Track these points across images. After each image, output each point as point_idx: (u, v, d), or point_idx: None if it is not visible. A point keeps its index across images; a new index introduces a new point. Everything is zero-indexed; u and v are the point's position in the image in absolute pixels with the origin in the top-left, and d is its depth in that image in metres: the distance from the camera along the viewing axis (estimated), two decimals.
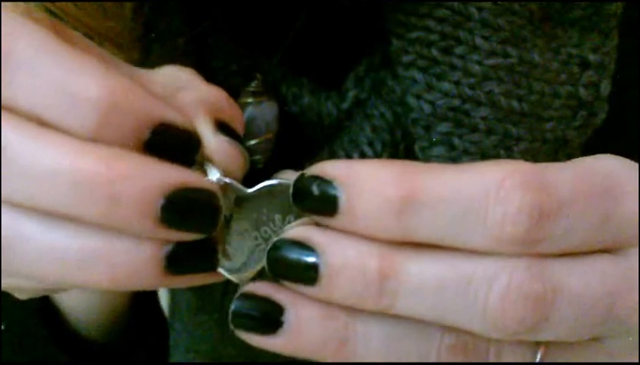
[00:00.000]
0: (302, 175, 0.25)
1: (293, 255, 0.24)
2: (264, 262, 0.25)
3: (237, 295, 0.25)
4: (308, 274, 0.24)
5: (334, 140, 0.37)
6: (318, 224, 0.25)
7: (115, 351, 0.41)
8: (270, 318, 0.25)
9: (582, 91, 0.35)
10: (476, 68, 0.34)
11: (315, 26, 0.37)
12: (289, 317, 0.24)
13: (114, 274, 0.23)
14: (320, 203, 0.24)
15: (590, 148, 0.38)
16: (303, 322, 0.24)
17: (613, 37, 0.36)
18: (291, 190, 0.25)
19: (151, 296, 0.46)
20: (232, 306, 0.25)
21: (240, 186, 0.26)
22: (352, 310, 0.24)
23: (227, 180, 0.25)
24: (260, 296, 0.25)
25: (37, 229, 0.23)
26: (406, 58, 0.35)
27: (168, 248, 0.23)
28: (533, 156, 0.36)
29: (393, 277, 0.23)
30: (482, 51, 0.34)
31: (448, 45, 0.34)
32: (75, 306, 0.39)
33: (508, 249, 0.23)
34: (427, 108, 0.35)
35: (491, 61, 0.34)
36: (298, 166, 0.37)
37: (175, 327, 0.65)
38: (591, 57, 0.35)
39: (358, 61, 0.37)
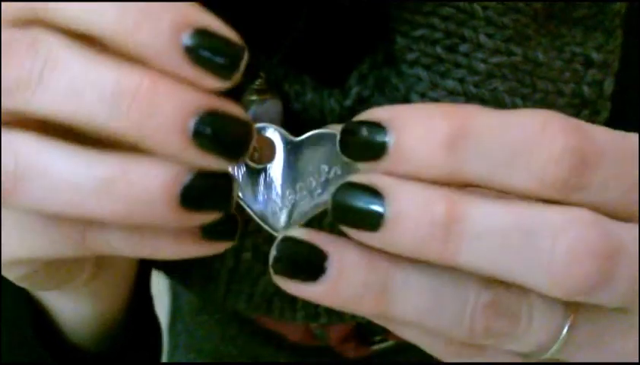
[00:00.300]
0: (350, 121, 0.24)
1: (358, 199, 0.24)
2: (309, 215, 0.25)
3: (279, 240, 0.25)
4: (375, 219, 0.23)
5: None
6: None
7: (109, 360, 0.41)
8: (312, 264, 0.24)
9: (586, 90, 0.36)
10: (481, 65, 0.34)
11: (316, 26, 0.37)
12: (332, 264, 0.24)
13: (129, 204, 0.22)
14: (368, 146, 0.23)
15: None
16: (345, 270, 0.24)
17: (616, 36, 0.36)
18: (338, 137, 0.24)
19: (147, 303, 0.46)
20: (274, 251, 0.25)
21: (286, 132, 0.25)
22: (394, 260, 0.24)
23: (273, 126, 0.25)
24: (303, 241, 0.25)
25: (54, 157, 0.22)
26: (410, 56, 0.35)
27: (185, 180, 0.23)
28: None
29: (462, 221, 0.23)
30: (486, 49, 0.34)
31: (453, 43, 0.34)
32: (70, 316, 0.38)
33: (549, 194, 0.23)
34: None
35: (495, 59, 0.34)
36: None
37: (176, 327, 0.65)
38: (595, 55, 0.35)
39: (360, 61, 0.37)
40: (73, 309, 0.37)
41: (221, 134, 0.23)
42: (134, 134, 0.22)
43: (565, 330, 0.25)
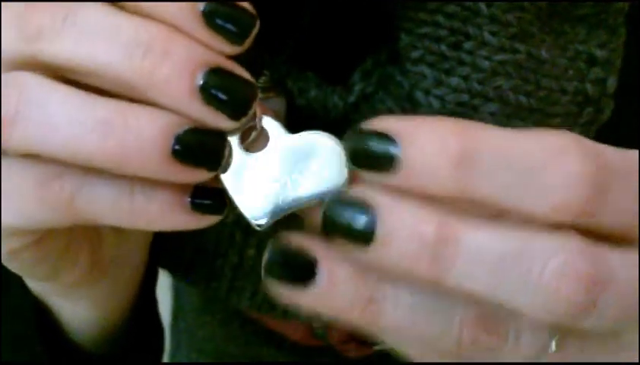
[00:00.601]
0: (359, 129, 0.25)
1: (349, 215, 0.24)
2: (291, 209, 0.25)
3: (272, 244, 0.25)
4: (364, 235, 0.23)
5: (341, 133, 0.37)
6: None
7: (111, 362, 0.41)
8: (303, 270, 0.25)
9: (589, 87, 0.36)
10: (485, 63, 0.34)
11: (320, 23, 0.37)
12: (322, 272, 0.24)
13: (123, 147, 0.23)
14: (377, 157, 0.24)
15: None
16: (336, 279, 0.24)
17: (619, 34, 0.36)
18: (346, 143, 0.25)
19: (152, 306, 0.46)
20: (267, 254, 0.25)
21: (281, 125, 0.26)
22: (384, 273, 0.24)
23: (270, 117, 0.26)
24: (295, 248, 0.25)
25: (57, 95, 0.23)
26: (414, 54, 0.35)
27: (180, 131, 0.24)
28: None
29: (452, 243, 0.23)
30: (490, 46, 0.34)
31: (457, 40, 0.34)
32: (72, 318, 0.38)
33: (559, 218, 0.23)
34: (436, 103, 0.35)
35: (499, 57, 0.34)
36: None
37: (178, 327, 0.65)
38: (598, 53, 0.36)
39: (364, 58, 0.37)
40: (73, 311, 0.37)
41: (226, 91, 0.24)
42: (145, 81, 0.23)
43: (552, 347, 0.25)
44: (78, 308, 0.36)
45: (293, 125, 0.37)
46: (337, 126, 0.38)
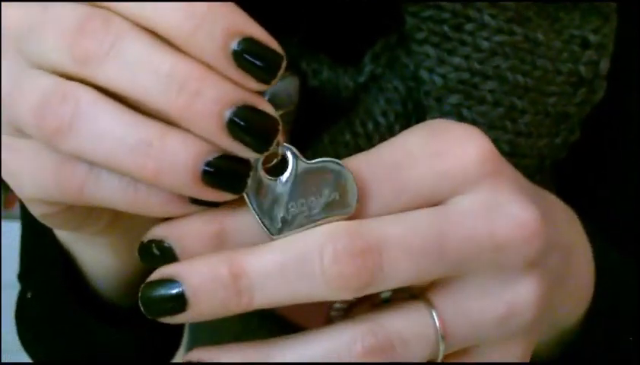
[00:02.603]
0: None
1: (160, 292, 0.27)
2: (303, 228, 0.28)
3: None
4: (179, 304, 0.27)
5: (351, 110, 0.40)
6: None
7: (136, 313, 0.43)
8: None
9: (583, 69, 0.38)
10: (485, 43, 0.37)
11: (333, 7, 0.40)
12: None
13: (158, 166, 0.25)
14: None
15: (589, 125, 0.40)
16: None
17: (612, 20, 0.39)
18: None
19: None
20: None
21: (299, 153, 0.28)
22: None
23: (287, 146, 0.28)
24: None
25: (107, 111, 0.26)
26: (419, 35, 0.38)
27: (210, 157, 0.26)
28: (537, 129, 0.38)
29: (243, 275, 0.26)
30: (490, 28, 0.37)
31: (459, 22, 0.37)
32: (96, 267, 0.40)
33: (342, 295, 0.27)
34: (439, 81, 0.38)
35: (498, 38, 0.37)
36: (317, 135, 0.40)
37: (195, 322, 0.66)
38: (592, 38, 0.38)
39: (374, 40, 0.40)
40: (96, 259, 0.39)
41: (252, 127, 0.26)
42: (179, 115, 0.25)
43: (436, 321, 0.28)
44: (101, 255, 0.38)
45: (306, 105, 0.40)
46: (347, 105, 0.41)
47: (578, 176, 0.44)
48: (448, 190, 0.28)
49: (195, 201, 0.27)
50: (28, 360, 0.49)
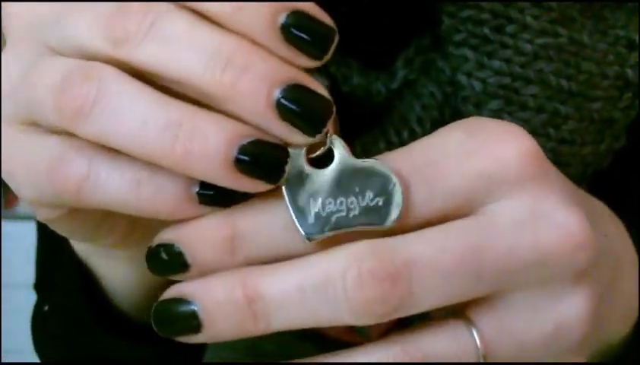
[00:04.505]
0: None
1: (173, 311, 0.26)
2: (339, 231, 0.26)
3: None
4: (193, 324, 0.25)
5: (384, 118, 0.38)
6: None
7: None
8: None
9: (629, 72, 0.36)
10: (527, 46, 0.35)
11: (363, 9, 0.38)
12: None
13: (187, 149, 0.24)
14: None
15: (634, 131, 0.39)
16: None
17: None
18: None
19: None
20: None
21: (347, 148, 0.26)
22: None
23: (339, 139, 0.26)
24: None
25: (133, 91, 0.24)
26: (457, 37, 0.36)
27: (246, 141, 0.24)
28: (581, 136, 0.37)
29: (259, 299, 0.25)
30: (532, 30, 0.35)
31: (499, 23, 0.35)
32: (114, 278, 0.39)
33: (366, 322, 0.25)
34: (478, 86, 0.36)
35: (541, 40, 0.35)
36: (348, 144, 0.38)
37: None
38: (638, 38, 0.36)
39: (407, 44, 0.38)
40: (114, 272, 0.38)
41: (303, 108, 0.24)
42: (224, 94, 0.23)
43: (477, 340, 0.26)
44: (118, 268, 0.37)
45: (336, 110, 0.38)
46: (379, 112, 0.39)
47: (620, 184, 0.42)
48: (485, 194, 0.26)
49: (205, 202, 0.25)
50: (28, 360, 0.48)
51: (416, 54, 0.38)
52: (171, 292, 0.26)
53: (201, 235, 0.26)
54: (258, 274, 0.25)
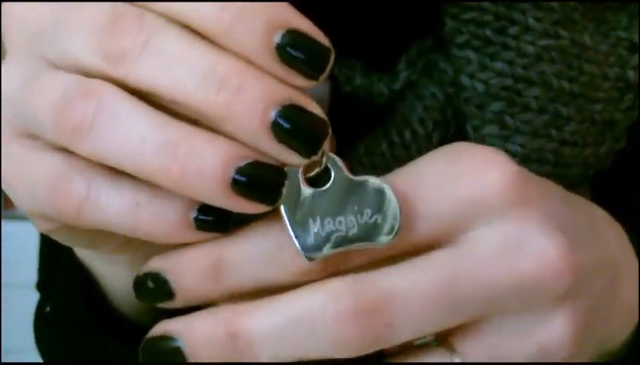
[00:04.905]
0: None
1: (160, 347, 0.27)
2: (338, 249, 0.26)
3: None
4: (178, 358, 0.26)
5: (386, 119, 0.38)
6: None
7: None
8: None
9: (630, 74, 0.36)
10: (530, 48, 0.35)
11: (366, 10, 0.38)
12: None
13: (184, 170, 0.24)
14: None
15: (635, 133, 0.39)
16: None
17: None
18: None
19: None
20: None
21: (344, 166, 0.26)
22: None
23: (335, 157, 0.26)
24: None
25: (131, 109, 0.24)
26: (460, 39, 0.36)
27: (242, 163, 0.24)
28: (582, 137, 0.37)
29: (241, 336, 0.25)
30: (535, 32, 0.35)
31: (502, 25, 0.35)
32: (117, 287, 0.39)
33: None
34: (480, 87, 0.36)
35: (543, 42, 0.35)
36: (351, 144, 0.38)
37: None
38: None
39: (409, 45, 0.38)
40: (115, 276, 0.38)
41: (298, 128, 0.24)
42: (218, 115, 0.23)
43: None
44: (119, 273, 0.37)
45: (339, 111, 0.38)
46: (381, 113, 0.39)
47: (621, 186, 0.43)
48: (468, 221, 0.26)
49: (202, 228, 0.26)
50: (28, 360, 0.48)
51: (419, 55, 0.38)
52: (158, 330, 0.27)
53: (186, 263, 0.27)
54: (240, 313, 0.26)
